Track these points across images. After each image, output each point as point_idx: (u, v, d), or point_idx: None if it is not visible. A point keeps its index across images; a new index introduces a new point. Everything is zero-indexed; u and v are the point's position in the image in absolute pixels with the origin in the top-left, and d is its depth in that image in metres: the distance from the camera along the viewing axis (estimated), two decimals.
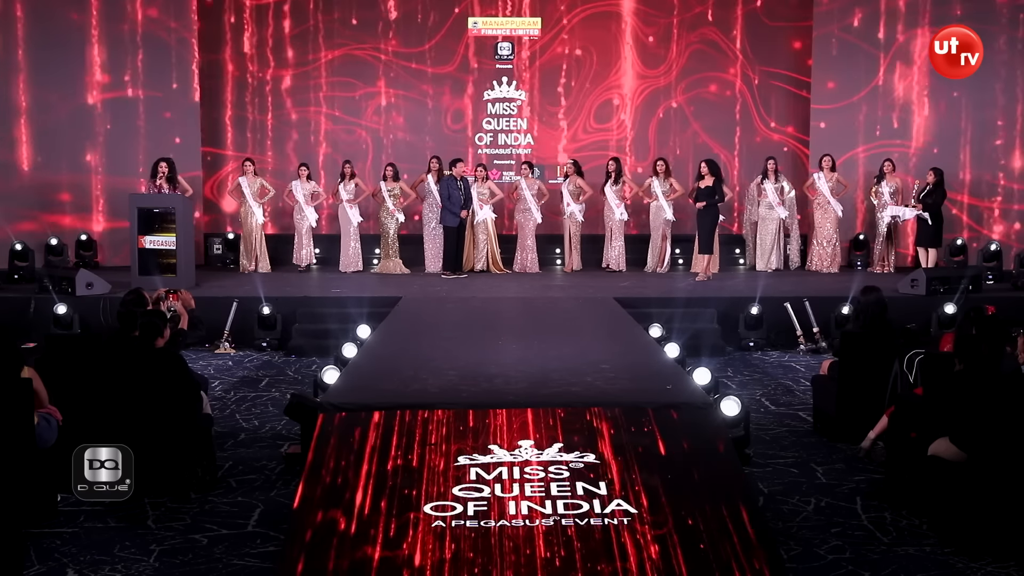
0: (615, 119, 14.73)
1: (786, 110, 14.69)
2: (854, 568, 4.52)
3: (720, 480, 4.60)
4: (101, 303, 10.27)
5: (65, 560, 4.60)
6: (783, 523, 5.10)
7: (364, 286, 11.86)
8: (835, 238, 13.15)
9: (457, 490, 4.44)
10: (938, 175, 12.48)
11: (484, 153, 14.62)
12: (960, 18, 13.00)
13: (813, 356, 9.70)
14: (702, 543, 4.06)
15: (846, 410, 6.56)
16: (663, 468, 4.64)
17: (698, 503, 4.34)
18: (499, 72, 14.63)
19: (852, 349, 6.78)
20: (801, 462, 6.19)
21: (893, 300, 8.39)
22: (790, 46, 14.59)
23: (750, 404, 6.99)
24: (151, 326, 5.95)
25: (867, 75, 13.87)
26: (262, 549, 4.76)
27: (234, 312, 10.19)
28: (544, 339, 7.88)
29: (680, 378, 6.28)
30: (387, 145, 14.58)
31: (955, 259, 13.08)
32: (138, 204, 11.31)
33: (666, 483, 4.51)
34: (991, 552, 4.59)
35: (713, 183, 11.85)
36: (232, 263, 13.65)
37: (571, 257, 13.42)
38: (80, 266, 12.25)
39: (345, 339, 8.08)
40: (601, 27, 14.62)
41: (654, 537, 4.09)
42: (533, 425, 5.10)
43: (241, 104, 14.57)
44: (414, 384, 6.05)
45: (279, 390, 8.30)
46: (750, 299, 10.37)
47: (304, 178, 13.13)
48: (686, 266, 13.39)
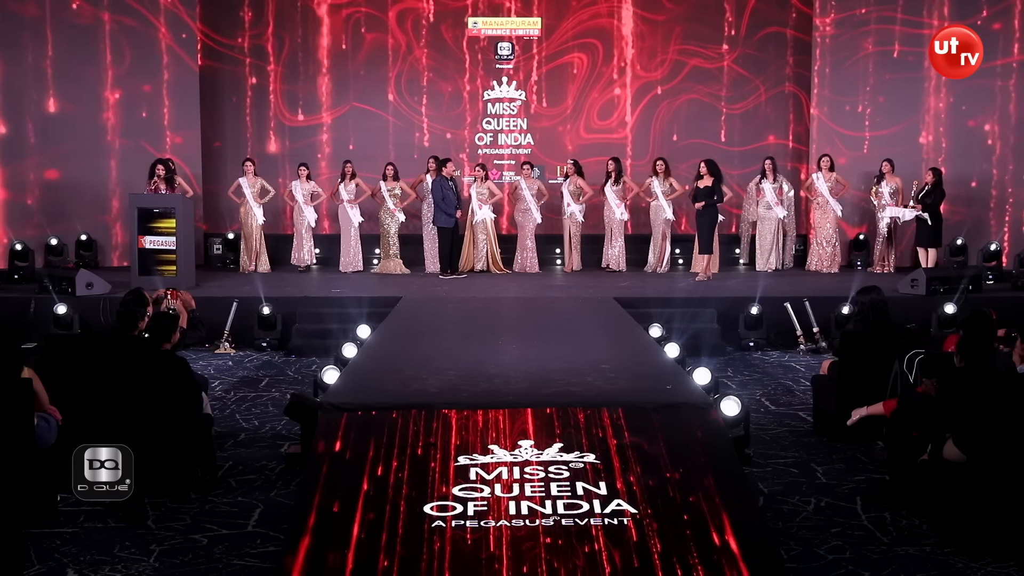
0: (615, 119, 14.72)
1: (786, 110, 14.68)
2: (854, 568, 4.51)
3: (720, 480, 4.59)
4: (101, 303, 10.27)
5: (65, 560, 4.60)
6: (783, 523, 5.09)
7: (364, 286, 11.86)
8: (835, 238, 13.16)
9: (457, 490, 4.44)
10: (937, 175, 12.48)
11: (484, 153, 14.62)
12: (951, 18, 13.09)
13: (813, 356, 9.70)
14: (702, 543, 4.06)
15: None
16: (663, 468, 4.64)
17: (698, 503, 4.33)
18: (499, 72, 14.63)
19: (852, 349, 6.77)
20: (801, 462, 6.18)
21: (893, 300, 8.38)
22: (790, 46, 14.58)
23: (750, 404, 6.98)
24: (163, 328, 5.97)
25: (867, 75, 13.87)
26: (262, 549, 4.76)
27: (234, 312, 10.19)
28: (544, 339, 7.88)
29: (680, 378, 6.28)
30: (387, 145, 14.57)
31: (955, 259, 13.08)
32: (138, 204, 11.31)
33: (666, 483, 4.51)
34: (991, 552, 4.59)
35: (712, 183, 11.85)
36: (232, 263, 13.65)
37: (571, 257, 13.43)
38: (80, 266, 12.25)
39: (345, 339, 8.09)
40: (601, 27, 14.62)
41: (654, 537, 4.08)
42: (533, 425, 5.10)
43: (241, 104, 14.56)
44: (414, 384, 6.05)
45: (279, 390, 8.30)
46: (750, 299, 10.37)
47: (304, 178, 13.14)
48: (686, 266, 13.40)
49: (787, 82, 14.61)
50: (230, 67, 14.47)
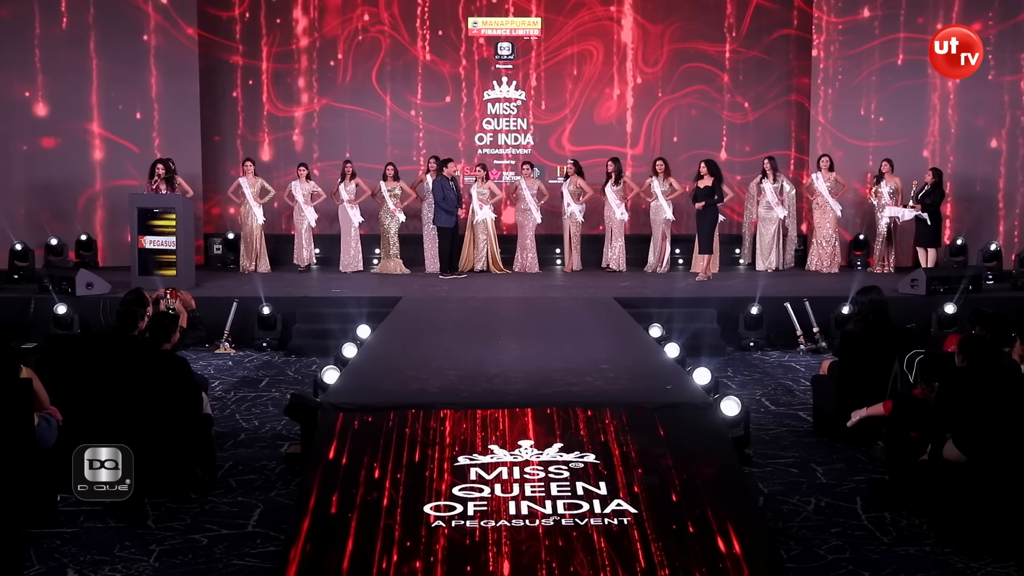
0: (615, 119, 14.72)
1: (785, 109, 14.68)
2: (854, 568, 4.52)
3: (720, 480, 4.59)
4: (101, 303, 10.27)
5: (65, 560, 4.60)
6: (783, 523, 5.09)
7: (364, 286, 11.86)
8: (835, 238, 13.16)
9: (457, 490, 4.44)
10: (936, 175, 12.49)
11: (483, 153, 14.62)
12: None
13: (813, 356, 9.70)
14: (702, 543, 4.06)
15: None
16: (663, 468, 4.64)
17: (698, 503, 4.33)
18: (499, 72, 14.63)
19: (852, 349, 6.78)
20: (801, 462, 6.19)
21: (893, 300, 8.38)
22: (789, 46, 14.58)
23: (750, 404, 6.99)
24: (163, 328, 5.97)
25: (867, 75, 13.87)
26: (262, 549, 4.76)
27: (234, 312, 10.19)
28: (544, 339, 7.88)
29: (680, 378, 6.28)
30: (387, 144, 14.57)
31: (955, 259, 13.08)
32: (138, 204, 11.31)
33: (666, 483, 4.51)
34: (991, 552, 4.59)
35: (712, 183, 11.84)
36: (232, 263, 13.65)
37: (571, 257, 13.43)
38: (80, 266, 12.25)
39: (345, 339, 8.09)
40: (601, 27, 14.61)
41: (654, 537, 4.08)
42: (533, 425, 5.10)
43: (242, 102, 14.56)
44: (414, 384, 6.05)
45: (279, 390, 8.30)
46: (750, 299, 10.37)
47: (303, 178, 13.13)
48: (686, 266, 13.40)
49: (789, 81, 14.58)
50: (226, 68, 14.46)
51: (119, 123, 13.72)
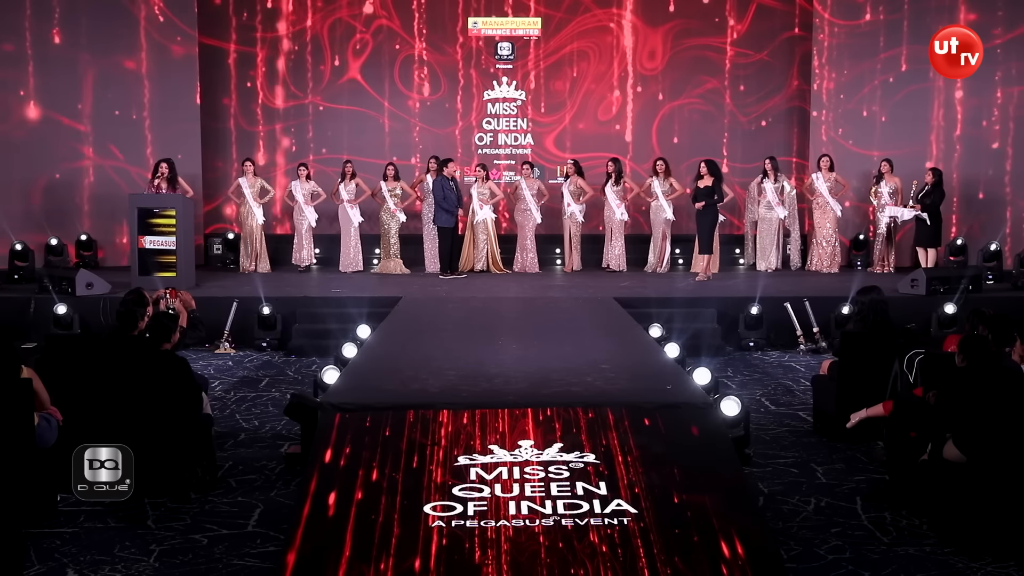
0: (615, 119, 14.72)
1: (785, 109, 14.68)
2: (854, 568, 4.52)
3: (720, 480, 4.59)
4: (101, 303, 10.26)
5: (65, 560, 4.60)
6: (783, 523, 5.09)
7: (364, 286, 11.86)
8: (834, 238, 13.15)
9: (457, 490, 4.44)
10: (936, 175, 12.49)
11: (483, 153, 14.62)
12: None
13: (813, 356, 9.70)
14: (702, 543, 4.06)
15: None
16: (663, 468, 4.64)
17: (698, 503, 4.33)
18: (499, 72, 14.63)
19: (852, 349, 6.77)
20: (801, 462, 6.18)
21: (893, 300, 8.38)
22: (789, 46, 14.58)
23: (750, 404, 6.98)
24: (163, 328, 5.97)
25: (867, 75, 13.87)
26: (262, 549, 4.76)
27: (234, 312, 10.19)
28: (544, 339, 7.88)
29: (680, 378, 6.28)
30: (386, 144, 14.57)
31: (955, 259, 13.08)
32: (138, 204, 11.31)
33: (666, 483, 4.51)
34: (991, 552, 4.59)
35: (712, 183, 11.84)
36: (232, 263, 13.65)
37: (571, 257, 13.43)
38: (80, 266, 12.25)
39: (345, 339, 8.09)
40: (601, 27, 14.61)
41: (654, 537, 4.08)
42: (533, 425, 5.10)
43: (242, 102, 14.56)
44: (414, 384, 6.05)
45: (279, 390, 8.30)
46: (750, 299, 10.37)
47: (304, 178, 13.13)
48: (686, 266, 13.40)
49: (790, 83, 14.58)
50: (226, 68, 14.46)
51: (119, 123, 13.72)
